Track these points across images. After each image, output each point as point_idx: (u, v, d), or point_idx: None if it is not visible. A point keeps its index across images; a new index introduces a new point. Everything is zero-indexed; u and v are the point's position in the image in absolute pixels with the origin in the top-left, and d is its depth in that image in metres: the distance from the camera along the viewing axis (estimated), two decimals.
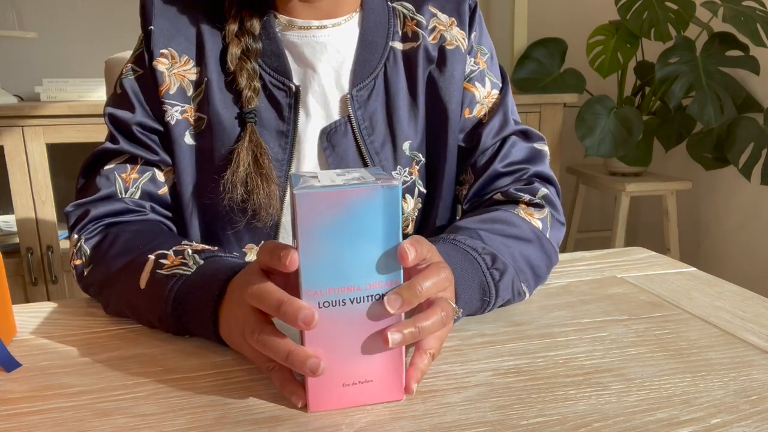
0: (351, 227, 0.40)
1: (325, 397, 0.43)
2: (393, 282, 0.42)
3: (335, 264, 0.41)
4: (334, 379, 0.43)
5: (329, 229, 0.40)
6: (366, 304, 0.42)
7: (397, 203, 0.41)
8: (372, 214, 0.40)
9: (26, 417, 0.43)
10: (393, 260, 0.42)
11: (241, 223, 0.71)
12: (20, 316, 0.61)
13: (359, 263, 0.41)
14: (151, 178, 0.70)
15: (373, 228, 0.41)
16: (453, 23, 0.74)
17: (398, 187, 0.41)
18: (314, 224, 0.40)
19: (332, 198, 0.40)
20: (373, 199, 0.40)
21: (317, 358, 0.41)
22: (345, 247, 0.41)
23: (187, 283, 0.54)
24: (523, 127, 0.75)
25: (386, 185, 0.40)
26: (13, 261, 1.74)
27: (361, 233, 0.41)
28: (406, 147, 0.73)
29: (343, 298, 0.41)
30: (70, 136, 1.70)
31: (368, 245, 0.41)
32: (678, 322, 0.58)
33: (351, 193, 0.40)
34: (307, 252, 0.40)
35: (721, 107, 1.86)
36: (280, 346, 0.42)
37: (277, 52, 0.70)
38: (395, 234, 0.41)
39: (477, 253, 0.58)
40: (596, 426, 0.41)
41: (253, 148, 0.68)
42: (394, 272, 0.42)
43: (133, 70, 0.71)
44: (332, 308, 0.42)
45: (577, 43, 2.29)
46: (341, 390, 0.43)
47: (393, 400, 0.44)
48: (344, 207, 0.40)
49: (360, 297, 0.42)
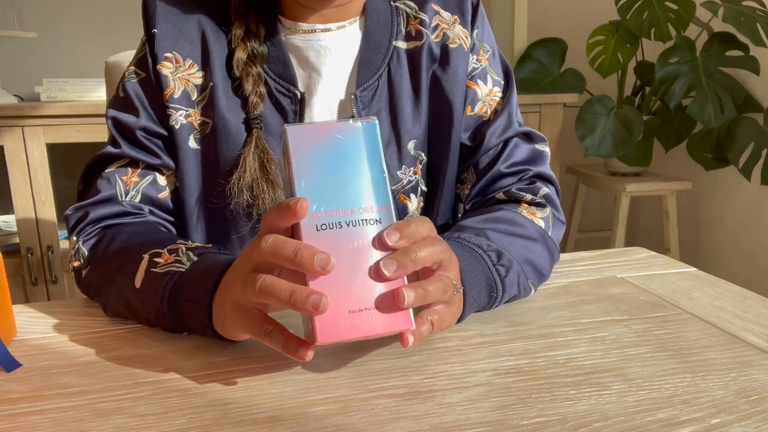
0: (338, 156, 0.45)
1: (332, 325, 0.43)
2: (384, 207, 0.45)
3: (328, 187, 0.45)
4: (339, 304, 0.43)
5: (319, 157, 0.45)
6: (361, 228, 0.45)
7: (375, 136, 0.46)
8: (354, 146, 0.46)
9: (26, 417, 0.43)
10: (380, 187, 0.46)
11: (246, 228, 0.71)
12: (20, 316, 0.61)
13: (350, 189, 0.45)
14: (152, 181, 0.70)
15: (357, 158, 0.46)
16: (456, 21, 0.74)
17: (375, 123, 0.47)
18: (305, 152, 0.45)
19: (317, 130, 0.46)
20: (352, 132, 0.46)
21: (319, 294, 0.42)
22: (335, 173, 0.45)
23: (182, 280, 0.54)
24: (526, 128, 0.76)
25: (365, 121, 0.47)
26: (13, 261, 1.74)
27: (347, 162, 0.45)
28: (410, 147, 0.73)
29: (339, 221, 0.44)
30: (70, 136, 1.70)
31: (355, 173, 0.45)
32: (678, 322, 0.58)
33: (332, 125, 0.46)
34: (301, 177, 0.45)
35: (721, 107, 1.86)
36: (283, 286, 0.43)
37: (282, 58, 0.70)
38: (378, 164, 0.46)
39: (482, 250, 0.58)
40: (596, 426, 0.41)
41: (260, 153, 0.68)
42: (384, 198, 0.46)
43: (136, 73, 0.70)
44: (330, 231, 0.44)
45: (577, 43, 2.29)
46: (348, 317, 0.43)
47: (402, 329, 0.44)
48: (329, 138, 0.46)
49: (354, 220, 0.45)
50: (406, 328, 0.44)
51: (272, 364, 0.50)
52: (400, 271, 0.44)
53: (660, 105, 2.09)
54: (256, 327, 0.46)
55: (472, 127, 0.75)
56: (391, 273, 0.44)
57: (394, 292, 0.44)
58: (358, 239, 0.44)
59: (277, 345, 0.45)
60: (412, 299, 0.44)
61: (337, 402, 0.44)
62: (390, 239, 0.44)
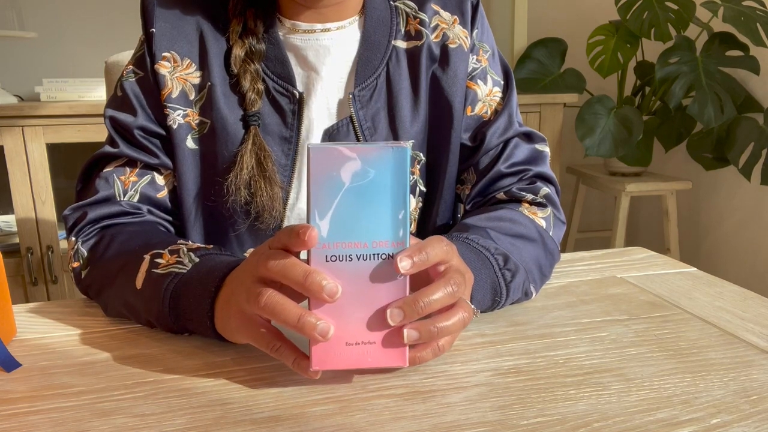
0: (361, 184, 0.42)
1: (328, 354, 0.44)
2: (399, 243, 0.43)
3: (344, 219, 0.42)
4: (338, 335, 0.43)
5: (339, 184, 0.42)
6: (372, 262, 0.43)
7: (405, 165, 0.42)
8: (381, 174, 0.42)
9: (26, 417, 0.43)
10: (399, 221, 0.43)
11: (244, 225, 0.71)
12: (20, 316, 0.61)
13: (367, 221, 0.43)
14: (150, 181, 0.70)
15: (382, 188, 0.42)
16: (456, 21, 0.74)
17: (407, 149, 0.42)
18: (325, 178, 0.42)
19: (344, 154, 0.42)
20: (382, 159, 0.42)
21: (326, 321, 0.42)
22: (354, 204, 0.42)
23: (183, 281, 0.54)
24: (526, 128, 0.76)
25: (396, 146, 0.42)
26: (13, 261, 1.74)
27: (370, 192, 0.42)
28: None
29: (350, 254, 0.43)
30: (70, 136, 1.70)
31: (376, 204, 0.42)
32: (678, 322, 0.58)
33: (361, 150, 0.42)
34: (317, 204, 0.42)
35: (721, 107, 1.86)
36: (291, 309, 0.43)
37: (280, 57, 0.70)
38: (402, 195, 0.43)
39: (490, 253, 0.58)
40: (596, 426, 0.41)
41: (257, 151, 0.68)
42: (401, 233, 0.43)
43: (134, 72, 0.70)
44: (339, 263, 0.43)
45: (577, 43, 2.29)
46: (344, 349, 0.44)
47: (396, 366, 0.45)
48: (355, 164, 0.42)
49: (366, 254, 0.43)
50: (401, 365, 0.45)
51: (272, 364, 0.50)
52: (405, 320, 0.43)
53: (660, 105, 2.09)
54: (264, 341, 0.46)
55: (472, 127, 0.75)
56: (396, 323, 0.43)
57: (398, 330, 0.44)
58: (367, 273, 0.43)
59: (287, 361, 0.45)
60: (415, 338, 0.44)
61: (337, 402, 0.44)
62: (401, 266, 0.43)
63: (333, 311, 0.43)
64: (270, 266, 0.44)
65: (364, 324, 0.44)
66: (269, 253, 0.44)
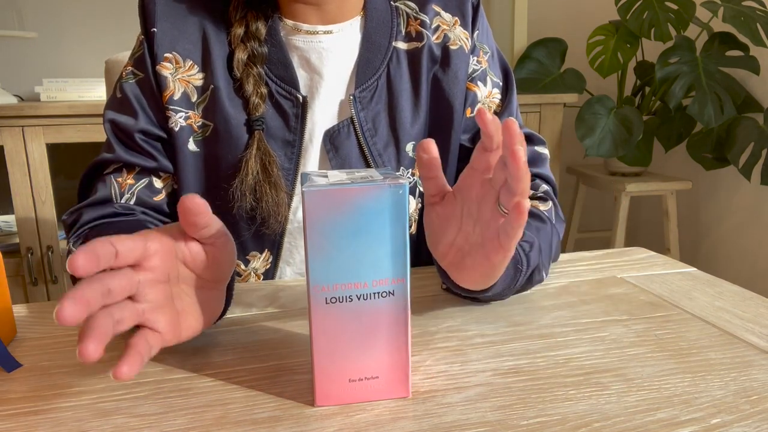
0: (358, 225, 0.41)
1: (331, 391, 0.44)
2: (400, 279, 0.42)
3: (342, 260, 0.41)
4: (340, 374, 0.43)
5: (336, 226, 0.41)
6: (373, 301, 0.42)
7: (403, 202, 0.41)
8: (378, 213, 0.41)
9: (26, 417, 0.43)
10: (400, 258, 0.42)
11: (250, 231, 0.70)
12: (20, 316, 0.61)
13: (366, 260, 0.42)
14: (147, 184, 0.69)
15: (380, 226, 0.41)
16: (456, 22, 0.74)
17: (405, 186, 0.41)
18: (322, 221, 0.40)
19: (339, 195, 0.40)
20: (379, 198, 0.41)
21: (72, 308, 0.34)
22: (352, 244, 0.41)
23: None
24: (526, 130, 0.75)
25: (393, 184, 0.41)
26: (13, 261, 1.74)
27: (368, 231, 0.41)
28: (409, 148, 0.73)
29: (350, 294, 0.42)
30: (70, 136, 1.70)
31: (375, 243, 0.41)
32: (678, 322, 0.58)
33: (358, 191, 0.40)
34: (314, 248, 0.41)
35: (721, 107, 1.86)
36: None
37: (283, 60, 0.69)
38: (402, 232, 0.42)
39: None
40: (596, 426, 0.41)
41: (262, 156, 0.67)
42: (401, 270, 0.42)
43: (134, 73, 0.70)
44: (339, 304, 0.42)
45: (577, 43, 2.29)
46: (347, 385, 0.44)
47: (399, 397, 0.45)
48: (351, 205, 0.40)
49: (367, 294, 0.42)
50: (404, 396, 0.45)
51: (272, 364, 0.50)
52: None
53: (660, 105, 2.09)
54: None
55: (472, 129, 0.75)
56: (522, 157, 0.39)
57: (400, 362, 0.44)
58: (368, 312, 0.43)
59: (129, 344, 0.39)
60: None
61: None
62: (520, 155, 0.39)
63: (334, 349, 0.43)
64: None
65: (366, 360, 0.43)
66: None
